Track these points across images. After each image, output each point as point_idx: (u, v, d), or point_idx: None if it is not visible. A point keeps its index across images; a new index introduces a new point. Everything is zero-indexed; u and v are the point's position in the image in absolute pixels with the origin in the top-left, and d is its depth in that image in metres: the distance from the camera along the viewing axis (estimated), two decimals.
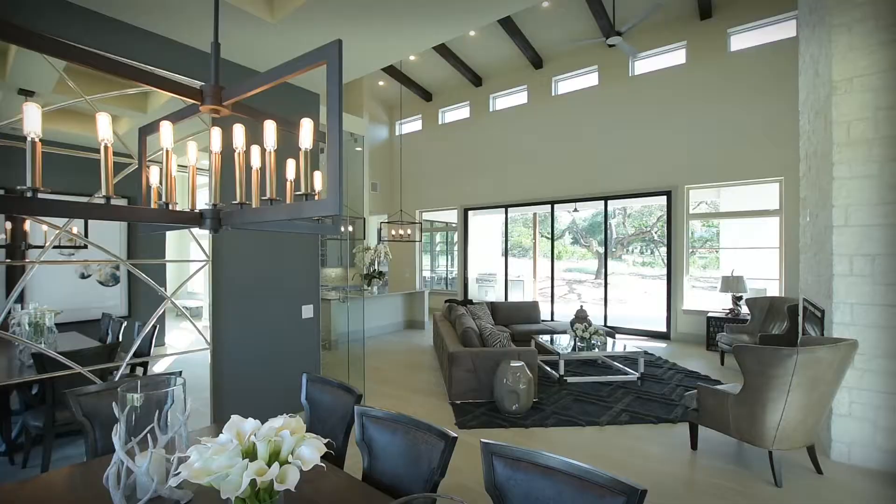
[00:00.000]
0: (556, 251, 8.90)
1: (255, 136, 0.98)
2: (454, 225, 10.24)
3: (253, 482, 0.91)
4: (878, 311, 2.83)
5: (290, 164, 1.13)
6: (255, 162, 1.03)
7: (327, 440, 1.09)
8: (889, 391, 2.80)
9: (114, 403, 1.36)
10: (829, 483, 2.68)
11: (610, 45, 6.62)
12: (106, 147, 0.80)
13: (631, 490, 1.11)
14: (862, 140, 2.87)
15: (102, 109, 2.44)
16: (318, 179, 1.22)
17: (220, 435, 1.05)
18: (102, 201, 0.82)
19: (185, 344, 2.92)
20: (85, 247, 2.59)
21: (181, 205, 1.13)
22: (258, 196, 0.94)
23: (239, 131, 0.90)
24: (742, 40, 6.62)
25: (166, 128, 0.91)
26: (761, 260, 6.81)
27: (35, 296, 2.49)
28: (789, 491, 2.59)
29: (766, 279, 6.67)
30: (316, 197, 1.38)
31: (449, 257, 11.43)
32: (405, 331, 8.04)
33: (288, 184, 1.12)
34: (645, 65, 7.52)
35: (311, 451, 1.01)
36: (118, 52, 2.45)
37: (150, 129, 1.17)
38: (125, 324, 2.83)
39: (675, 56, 7.19)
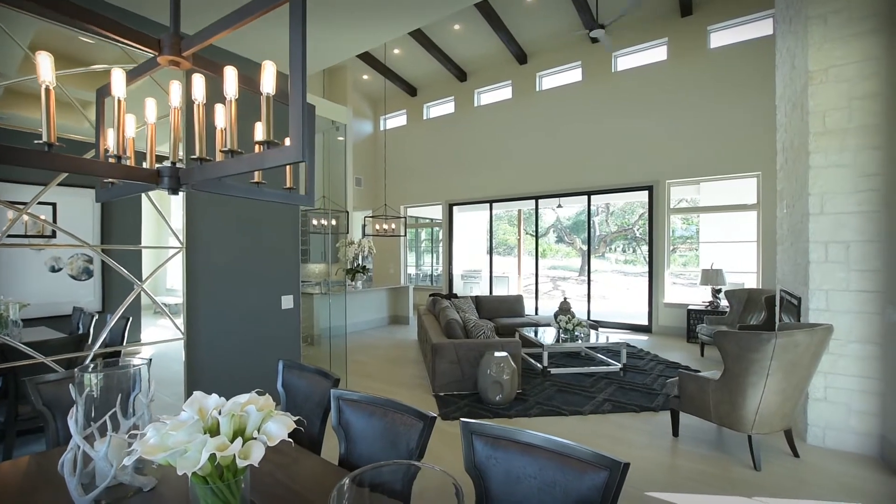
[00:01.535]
0: (540, 249, 8.94)
1: (218, 97, 0.92)
2: (439, 221, 10.20)
3: (213, 458, 0.85)
4: (852, 296, 2.89)
5: (259, 128, 1.07)
6: (220, 122, 0.97)
7: (297, 417, 1.03)
8: (862, 375, 2.87)
9: (70, 385, 1.28)
10: (805, 466, 2.73)
11: (593, 40, 6.66)
12: (48, 90, 0.73)
13: (613, 464, 1.08)
14: (837, 129, 2.92)
15: (70, 90, 2.33)
16: (289, 143, 1.16)
17: (182, 413, 0.99)
18: (44, 148, 0.74)
19: (163, 338, 2.81)
20: (54, 234, 2.47)
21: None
22: (222, 157, 0.88)
23: (199, 82, 0.84)
24: (721, 37, 6.73)
25: (118, 76, 0.84)
26: (739, 254, 6.95)
27: (2, 290, 2.37)
28: (768, 474, 2.63)
29: (744, 272, 6.80)
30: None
31: (434, 255, 11.38)
32: (389, 326, 7.97)
33: (256, 148, 1.05)
34: (627, 61, 7.59)
35: (279, 426, 0.96)
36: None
37: (108, 90, 1.10)
38: (96, 317, 2.70)
39: (656, 52, 7.28)
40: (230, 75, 0.80)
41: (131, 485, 1.26)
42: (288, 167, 1.18)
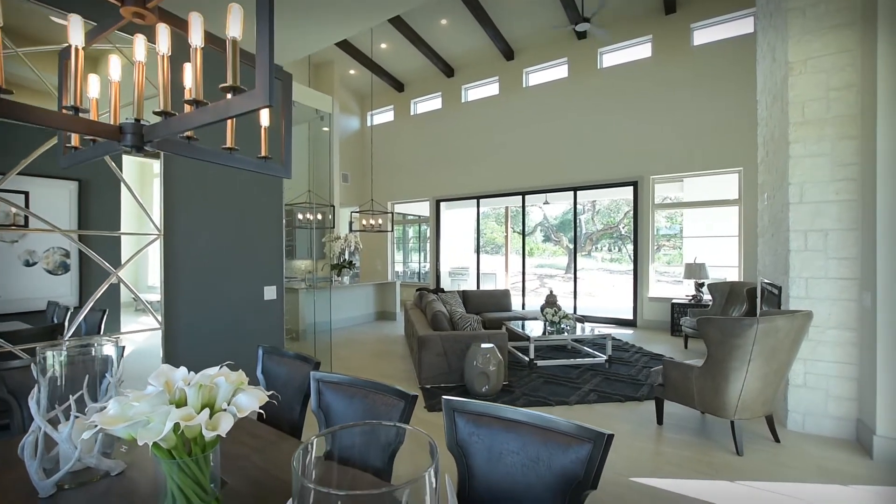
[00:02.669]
0: (527, 247, 8.96)
1: (184, 56, 0.87)
2: (426, 217, 10.15)
3: (178, 428, 0.80)
4: (830, 284, 2.94)
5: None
6: (187, 82, 0.92)
7: (271, 392, 0.99)
8: (840, 361, 2.92)
9: (32, 365, 1.21)
10: (785, 450, 2.77)
11: (579, 35, 6.67)
12: None
13: (597, 436, 1.07)
14: (816, 119, 2.97)
15: (39, 69, 2.23)
16: (265, 117, 1.12)
17: (148, 386, 0.94)
18: None
19: (142, 337, 2.73)
20: (26, 224, 2.37)
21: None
22: (189, 108, 0.84)
23: (164, 32, 0.80)
24: (704, 35, 6.83)
25: (75, 21, 0.80)
26: (722, 248, 7.06)
27: None
28: (749, 459, 2.66)
29: (726, 266, 6.92)
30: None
31: (422, 253, 11.33)
32: (376, 322, 7.90)
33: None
34: (612, 58, 7.66)
35: (250, 399, 0.92)
36: None
37: (69, 51, 1.04)
38: (72, 310, 2.61)
39: (641, 50, 7.36)
40: (196, 21, 0.76)
41: (98, 468, 1.20)
42: (262, 135, 1.14)
